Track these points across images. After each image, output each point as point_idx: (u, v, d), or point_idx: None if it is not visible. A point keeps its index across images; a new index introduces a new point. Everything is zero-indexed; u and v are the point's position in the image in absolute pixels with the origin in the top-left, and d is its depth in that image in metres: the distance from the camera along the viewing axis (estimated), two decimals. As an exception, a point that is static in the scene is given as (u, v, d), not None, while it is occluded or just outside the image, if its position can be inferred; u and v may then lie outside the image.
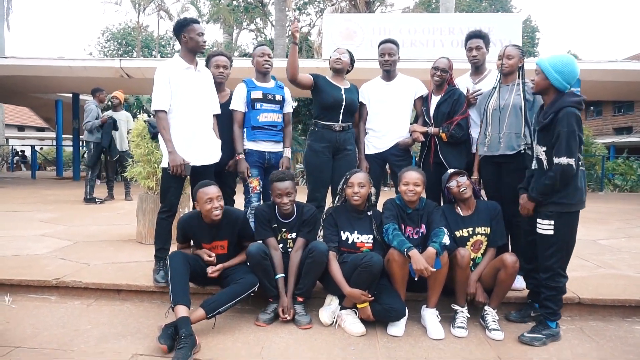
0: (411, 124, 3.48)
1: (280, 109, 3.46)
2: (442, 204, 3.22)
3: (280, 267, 2.80)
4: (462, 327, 2.63)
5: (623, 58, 21.26)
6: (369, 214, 2.93)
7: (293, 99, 3.61)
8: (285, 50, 15.35)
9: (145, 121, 4.29)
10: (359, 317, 2.68)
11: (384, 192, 4.38)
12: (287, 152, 3.48)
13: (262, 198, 3.47)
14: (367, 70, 5.37)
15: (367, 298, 2.63)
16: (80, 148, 13.79)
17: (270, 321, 2.70)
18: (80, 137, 12.66)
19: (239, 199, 3.61)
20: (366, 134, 3.53)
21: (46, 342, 2.40)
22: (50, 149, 21.91)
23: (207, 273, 2.76)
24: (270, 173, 3.06)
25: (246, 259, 2.81)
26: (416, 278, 2.55)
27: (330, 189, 3.43)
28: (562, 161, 2.40)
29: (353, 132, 3.47)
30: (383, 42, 3.46)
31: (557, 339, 2.54)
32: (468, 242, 2.87)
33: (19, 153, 23.15)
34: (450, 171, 2.93)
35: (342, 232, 2.87)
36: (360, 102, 3.49)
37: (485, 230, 2.88)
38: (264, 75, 3.46)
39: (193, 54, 3.04)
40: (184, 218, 2.91)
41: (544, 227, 2.52)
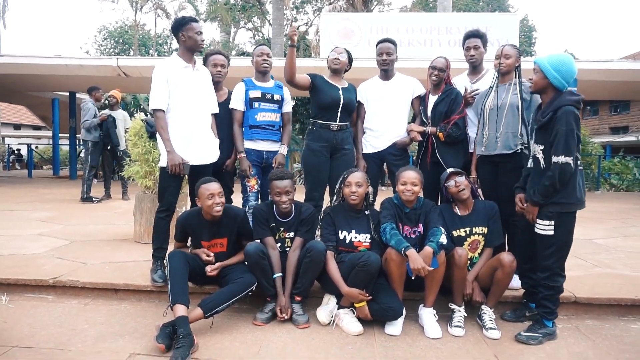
0: (409, 123, 3.49)
1: (278, 108, 3.46)
2: (439, 203, 3.23)
3: (278, 266, 2.80)
4: (460, 326, 2.64)
5: (619, 58, 21.33)
6: (366, 213, 2.93)
7: (291, 99, 3.61)
8: (283, 50, 15.33)
9: (142, 120, 4.28)
10: (356, 317, 2.68)
11: (382, 192, 4.40)
12: (283, 150, 3.48)
13: (260, 197, 3.47)
14: (365, 70, 5.38)
15: (365, 297, 2.64)
16: (77, 147, 13.75)
17: (268, 320, 2.70)
18: (77, 135, 12.62)
19: (236, 198, 3.61)
20: (364, 133, 3.53)
21: (43, 341, 2.39)
22: (47, 148, 21.82)
23: (205, 272, 2.77)
24: (268, 172, 3.07)
25: (244, 258, 2.81)
26: (413, 277, 2.56)
27: (328, 189, 3.43)
28: (561, 160, 2.40)
29: (351, 132, 3.47)
30: (381, 41, 3.46)
31: (553, 338, 2.56)
32: (465, 242, 2.88)
33: (15, 152, 23.04)
34: (449, 170, 2.94)
35: (340, 231, 2.88)
36: (358, 101, 3.49)
37: (482, 230, 2.89)
38: (263, 74, 3.46)
39: (191, 53, 3.04)
40: (184, 215, 2.91)
41: (544, 227, 2.52)
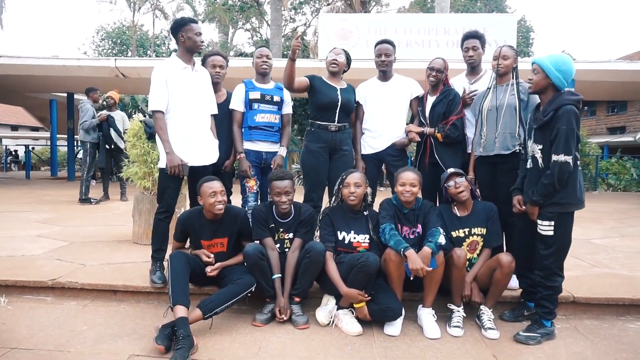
0: (407, 124, 3.50)
1: (278, 109, 3.47)
2: (437, 204, 3.24)
3: (277, 267, 2.80)
4: (458, 327, 2.65)
5: (616, 58, 21.42)
6: (365, 214, 2.94)
7: (290, 100, 3.62)
8: (282, 50, 15.34)
9: (141, 121, 4.28)
10: (355, 317, 2.69)
11: (380, 192, 4.41)
12: (282, 151, 3.49)
13: (260, 198, 3.47)
14: (363, 71, 5.38)
15: (364, 298, 2.64)
16: (75, 148, 13.72)
17: (268, 321, 2.71)
18: (75, 136, 12.60)
19: (235, 199, 3.61)
20: (362, 134, 3.54)
21: (42, 343, 2.39)
22: (44, 149, 21.77)
23: (205, 273, 2.77)
24: (267, 173, 3.07)
25: (243, 259, 2.81)
26: (412, 278, 2.57)
27: (327, 189, 3.44)
28: (560, 159, 2.41)
29: (349, 133, 3.47)
30: (379, 42, 3.47)
31: (552, 338, 2.56)
32: (464, 243, 2.89)
33: (12, 153, 22.99)
34: (450, 171, 2.93)
35: (339, 232, 2.88)
36: (357, 102, 3.50)
37: (481, 231, 2.90)
38: (263, 76, 3.47)
39: (190, 54, 3.04)
40: (185, 214, 2.92)
41: (545, 228, 2.53)
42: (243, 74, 3.58)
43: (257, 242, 2.89)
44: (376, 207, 3.01)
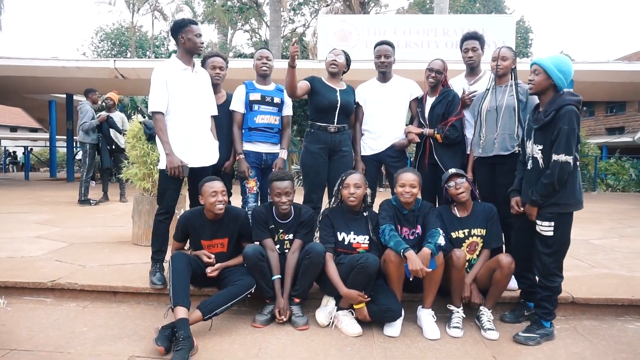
0: (406, 125, 3.50)
1: (278, 111, 3.47)
2: (437, 205, 3.24)
3: (277, 268, 2.80)
4: (458, 327, 2.65)
5: (614, 59, 21.44)
6: (365, 214, 2.94)
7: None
8: (281, 51, 15.34)
9: (141, 122, 4.28)
10: (355, 318, 2.69)
11: (380, 193, 4.40)
12: (283, 154, 3.49)
13: (260, 199, 3.48)
14: (363, 72, 5.40)
15: (364, 299, 2.65)
16: (74, 149, 13.71)
17: (267, 322, 2.71)
18: (75, 137, 12.60)
19: (235, 200, 3.61)
20: (362, 135, 3.54)
21: (42, 344, 2.39)
22: (43, 150, 21.74)
23: (205, 274, 2.77)
24: (267, 174, 3.07)
25: (243, 260, 2.82)
26: (411, 278, 2.57)
27: (326, 190, 3.44)
28: (561, 158, 2.42)
29: (349, 134, 3.48)
30: (379, 43, 3.48)
31: (551, 339, 2.57)
32: (464, 244, 2.89)
33: (11, 154, 22.96)
34: (451, 171, 2.93)
35: (339, 233, 2.89)
36: (357, 103, 3.50)
37: (481, 232, 2.90)
38: (263, 77, 3.48)
39: (190, 55, 3.04)
40: (186, 214, 2.93)
41: (544, 228, 2.54)
42: (242, 75, 3.58)
43: (257, 243, 2.89)
44: (376, 208, 3.02)
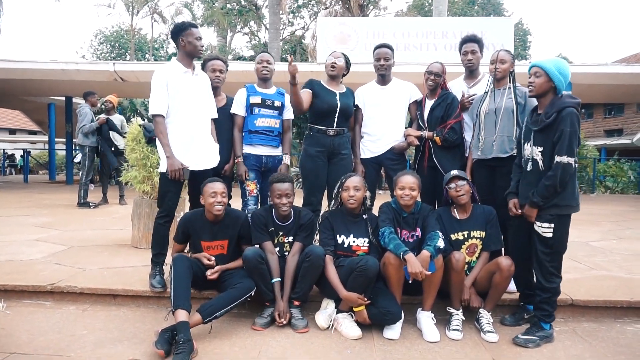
0: (406, 128, 3.51)
1: (279, 114, 3.48)
2: (436, 207, 3.25)
3: (276, 271, 2.81)
4: (458, 330, 2.65)
5: (612, 61, 21.53)
6: (364, 217, 2.95)
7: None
8: (280, 54, 15.37)
9: (140, 125, 4.28)
10: (355, 321, 2.69)
11: (379, 195, 4.40)
12: (286, 159, 3.50)
13: (260, 202, 3.48)
14: (362, 74, 5.40)
15: (364, 301, 2.65)
16: (73, 152, 13.69)
17: (267, 325, 2.71)
18: (74, 140, 12.58)
19: (236, 203, 3.61)
20: (361, 137, 3.55)
21: (42, 347, 2.39)
22: (42, 153, 21.72)
23: (205, 277, 2.78)
24: (267, 177, 3.08)
25: (243, 263, 2.82)
26: (410, 281, 2.58)
27: (326, 193, 3.45)
28: (563, 160, 2.44)
29: (348, 137, 3.48)
30: (378, 46, 3.49)
31: (550, 341, 2.57)
32: (463, 245, 2.90)
33: (9, 157, 22.93)
34: (453, 172, 2.93)
35: (338, 235, 2.89)
36: (356, 105, 3.51)
37: (480, 234, 2.91)
38: (264, 81, 3.49)
39: (191, 58, 3.05)
40: (187, 215, 2.95)
41: (545, 230, 2.55)
42: (242, 77, 3.60)
43: (257, 246, 2.89)
44: (375, 211, 3.02)
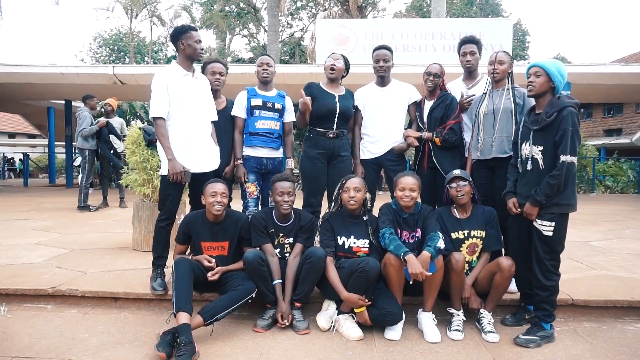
0: (405, 129, 3.52)
1: (279, 117, 3.49)
2: (436, 207, 3.26)
3: (277, 273, 2.81)
4: (458, 330, 2.66)
5: (611, 61, 21.57)
6: (364, 218, 2.95)
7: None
8: (279, 55, 15.38)
9: (140, 128, 4.29)
10: (356, 322, 2.70)
11: (379, 197, 4.41)
12: (290, 164, 3.50)
13: (260, 204, 3.49)
14: (361, 76, 5.42)
15: (365, 302, 2.66)
16: (73, 155, 13.70)
17: (269, 327, 2.71)
18: (74, 144, 12.58)
19: (236, 205, 3.62)
20: (361, 139, 3.56)
21: (43, 351, 2.39)
22: (42, 156, 21.74)
23: (206, 279, 2.78)
24: (268, 179, 3.09)
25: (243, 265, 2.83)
26: (411, 282, 2.58)
27: (326, 195, 3.45)
28: (567, 159, 2.46)
29: (348, 138, 3.49)
30: (377, 48, 3.50)
31: (551, 341, 2.58)
32: (463, 244, 2.91)
33: (9, 161, 22.93)
34: (456, 172, 2.93)
35: (339, 237, 2.90)
36: (356, 107, 3.52)
37: (480, 233, 2.92)
38: (265, 84, 3.50)
39: (190, 61, 3.06)
40: (189, 216, 2.97)
41: (545, 228, 2.57)
42: (241, 80, 3.61)
43: (257, 248, 2.90)
44: (375, 212, 3.03)
